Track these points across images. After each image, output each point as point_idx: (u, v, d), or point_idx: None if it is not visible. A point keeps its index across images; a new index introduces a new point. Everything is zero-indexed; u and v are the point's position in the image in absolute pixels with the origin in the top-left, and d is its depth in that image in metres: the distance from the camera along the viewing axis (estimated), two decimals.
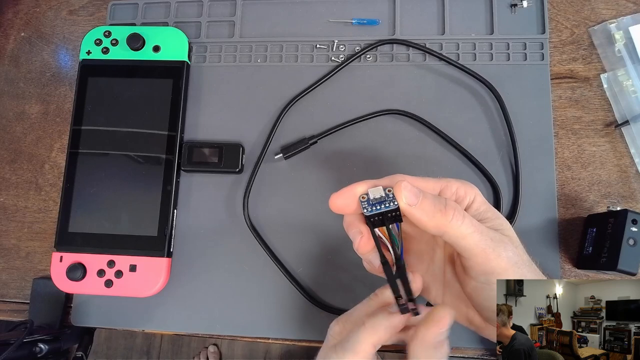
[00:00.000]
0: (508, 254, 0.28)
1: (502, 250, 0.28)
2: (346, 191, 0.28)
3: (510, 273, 0.28)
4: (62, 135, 0.48)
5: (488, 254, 0.28)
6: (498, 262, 0.28)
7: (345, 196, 0.28)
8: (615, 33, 0.44)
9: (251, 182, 0.43)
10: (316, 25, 0.47)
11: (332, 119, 0.44)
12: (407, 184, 0.28)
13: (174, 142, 0.43)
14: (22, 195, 0.47)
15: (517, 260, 0.29)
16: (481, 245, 0.28)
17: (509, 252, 0.28)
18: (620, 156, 0.42)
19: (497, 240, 0.28)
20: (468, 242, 0.28)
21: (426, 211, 0.27)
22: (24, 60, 0.50)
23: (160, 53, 0.45)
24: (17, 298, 0.45)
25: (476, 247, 0.28)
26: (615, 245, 0.36)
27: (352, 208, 0.28)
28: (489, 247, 0.28)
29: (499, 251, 0.28)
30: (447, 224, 0.27)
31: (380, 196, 0.28)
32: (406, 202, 0.27)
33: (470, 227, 0.28)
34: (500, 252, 0.28)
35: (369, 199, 0.28)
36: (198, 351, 1.22)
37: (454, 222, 0.27)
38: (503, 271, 0.28)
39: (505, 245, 0.29)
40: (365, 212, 0.28)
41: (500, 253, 0.28)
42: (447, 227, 0.27)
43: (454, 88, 0.44)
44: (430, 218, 0.27)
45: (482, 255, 0.28)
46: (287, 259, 0.42)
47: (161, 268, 0.41)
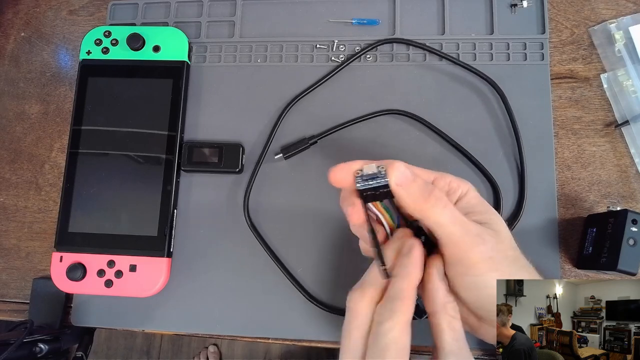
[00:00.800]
0: (482, 248, 0.28)
1: (478, 243, 0.28)
2: (344, 166, 0.30)
3: (484, 265, 0.28)
4: (62, 135, 0.48)
5: (460, 244, 0.28)
6: (468, 254, 0.28)
7: (343, 170, 0.30)
8: (615, 33, 0.44)
9: (251, 182, 0.43)
10: (316, 25, 0.47)
11: (332, 119, 0.44)
12: (400, 164, 0.29)
13: (174, 142, 0.43)
14: (22, 195, 0.47)
15: (492, 255, 0.29)
16: (456, 235, 0.28)
17: (484, 246, 0.29)
18: (620, 156, 0.42)
19: (474, 233, 0.29)
20: (444, 230, 0.28)
21: (411, 193, 0.29)
22: (24, 60, 0.50)
23: (160, 53, 0.45)
24: (17, 298, 0.45)
25: (451, 236, 0.28)
26: (615, 245, 0.36)
27: (348, 182, 0.30)
28: (462, 238, 0.28)
29: (473, 246, 0.28)
30: (428, 209, 0.28)
31: (373, 172, 0.29)
32: (395, 182, 0.28)
33: (449, 217, 0.28)
34: (474, 245, 0.28)
35: (362, 175, 0.29)
36: (198, 351, 1.22)
37: (435, 210, 0.28)
38: (476, 263, 0.28)
39: (484, 239, 0.29)
40: (358, 186, 0.29)
41: (474, 246, 0.28)
42: (427, 212, 0.28)
43: (454, 88, 0.44)
44: (412, 200, 0.28)
45: (454, 246, 0.28)
46: (287, 259, 0.42)
47: (161, 268, 0.41)
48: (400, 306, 0.27)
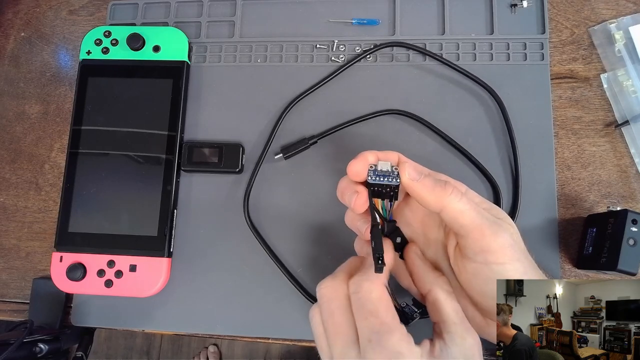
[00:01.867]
0: (505, 235, 0.28)
1: (499, 229, 0.28)
2: (361, 158, 0.31)
3: (507, 252, 0.28)
4: (62, 135, 0.48)
5: (484, 230, 0.28)
6: (495, 239, 0.28)
7: (360, 162, 0.31)
8: (615, 33, 0.44)
9: (251, 182, 0.43)
10: (316, 25, 0.47)
11: (332, 119, 0.44)
12: (411, 163, 0.30)
13: (174, 142, 0.43)
14: (22, 195, 0.47)
15: (513, 243, 0.29)
16: (477, 221, 0.28)
17: (506, 233, 0.29)
18: (620, 156, 0.42)
19: (493, 221, 0.29)
20: (465, 218, 0.28)
21: (427, 186, 0.29)
22: (24, 60, 0.50)
23: (160, 53, 0.45)
24: (17, 298, 0.45)
25: (472, 223, 0.28)
26: (615, 245, 0.36)
27: (363, 175, 0.30)
28: (485, 224, 0.28)
29: (495, 229, 0.28)
30: (446, 198, 0.29)
31: (387, 170, 0.30)
32: (408, 177, 0.29)
33: (468, 204, 0.29)
34: (497, 231, 0.28)
35: (376, 170, 0.30)
36: (198, 351, 1.22)
37: (453, 197, 0.29)
38: (500, 248, 0.28)
39: (503, 227, 0.29)
40: (369, 179, 0.30)
41: (497, 231, 0.28)
42: (445, 202, 0.29)
43: (454, 88, 0.44)
44: (430, 192, 0.29)
45: (478, 231, 0.28)
46: (287, 259, 0.42)
47: (161, 268, 0.41)
48: (371, 272, 0.28)
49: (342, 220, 0.42)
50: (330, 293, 0.29)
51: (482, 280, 0.29)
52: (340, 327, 0.28)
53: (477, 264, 0.29)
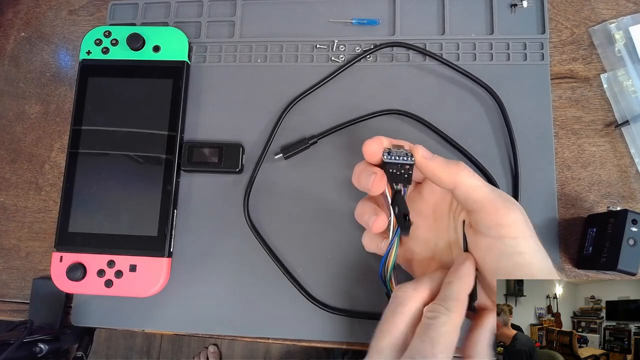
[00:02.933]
0: (518, 211, 0.30)
1: (512, 205, 0.30)
2: (376, 139, 0.32)
3: (520, 227, 0.29)
4: (62, 135, 0.48)
5: (497, 204, 0.29)
6: (508, 212, 0.29)
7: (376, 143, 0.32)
8: (615, 33, 0.44)
9: (251, 182, 0.43)
10: (316, 25, 0.47)
11: (332, 119, 0.44)
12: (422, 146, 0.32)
13: (174, 142, 0.43)
14: (22, 195, 0.47)
15: (525, 220, 0.30)
16: (490, 196, 0.30)
17: (518, 210, 0.30)
18: (620, 156, 0.42)
19: (505, 197, 0.30)
20: (479, 192, 0.30)
21: (440, 163, 0.31)
22: (24, 60, 0.50)
23: (160, 53, 0.45)
24: (17, 298, 0.45)
25: (486, 197, 0.29)
26: (615, 245, 0.36)
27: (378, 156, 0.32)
28: (498, 199, 0.30)
29: (508, 204, 0.29)
30: (459, 174, 0.30)
31: (401, 151, 0.32)
32: (422, 155, 0.31)
33: (480, 180, 0.30)
34: (510, 206, 0.29)
35: (391, 151, 0.32)
36: (198, 351, 1.22)
37: (466, 174, 0.30)
38: (513, 223, 0.29)
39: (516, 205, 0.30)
40: (385, 158, 0.31)
41: (510, 207, 0.29)
42: (459, 178, 0.30)
43: (454, 88, 0.44)
44: (444, 168, 0.30)
45: (492, 205, 0.29)
46: (287, 259, 0.42)
47: (161, 268, 0.41)
48: (455, 306, 0.28)
49: (343, 220, 0.42)
50: (404, 299, 0.30)
51: (496, 256, 0.30)
52: (394, 329, 0.29)
53: (490, 239, 0.30)
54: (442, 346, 0.27)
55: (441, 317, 0.28)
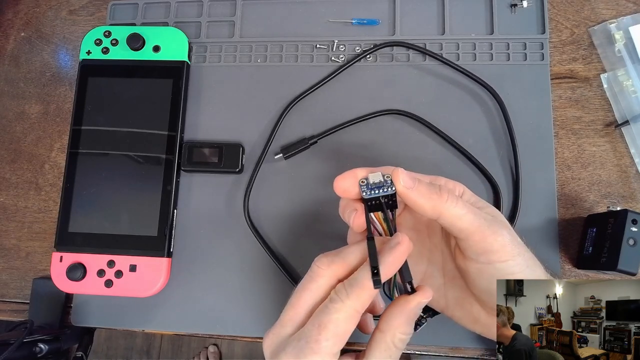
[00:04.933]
0: (504, 233, 0.29)
1: (498, 228, 0.29)
2: (349, 174, 0.29)
3: (508, 249, 0.29)
4: (62, 135, 0.48)
5: (484, 231, 0.28)
6: (495, 238, 0.28)
7: (348, 179, 0.29)
8: (615, 33, 0.44)
9: (251, 182, 0.43)
10: (316, 25, 0.47)
11: (332, 119, 0.44)
12: (403, 170, 0.29)
13: (174, 142, 0.43)
14: (22, 195, 0.47)
15: (512, 239, 0.29)
16: (476, 223, 0.28)
17: (504, 230, 0.29)
18: (620, 156, 0.42)
19: (491, 220, 0.29)
20: (463, 221, 0.28)
21: (422, 193, 0.28)
22: (24, 60, 0.50)
23: (160, 53, 0.45)
24: (17, 298, 0.45)
25: (471, 225, 0.28)
26: (615, 245, 0.36)
27: (354, 191, 0.29)
28: (484, 225, 0.28)
29: (494, 229, 0.29)
30: (443, 205, 0.28)
31: (379, 181, 0.29)
32: (403, 185, 0.28)
33: (464, 208, 0.29)
34: (496, 230, 0.29)
35: (368, 183, 0.29)
36: (198, 351, 1.22)
37: (449, 204, 0.28)
38: (501, 247, 0.28)
39: (500, 225, 0.29)
40: (364, 195, 0.29)
41: (496, 230, 0.29)
42: (442, 208, 0.28)
43: (454, 88, 0.44)
44: (426, 200, 0.28)
45: (479, 232, 0.28)
46: (287, 258, 0.42)
47: (161, 268, 0.41)
48: (357, 292, 0.26)
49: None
50: (317, 274, 0.28)
51: (487, 280, 0.29)
52: (299, 306, 0.28)
53: (480, 265, 0.29)
54: (330, 333, 0.26)
55: (337, 302, 0.26)
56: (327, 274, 0.28)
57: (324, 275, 0.28)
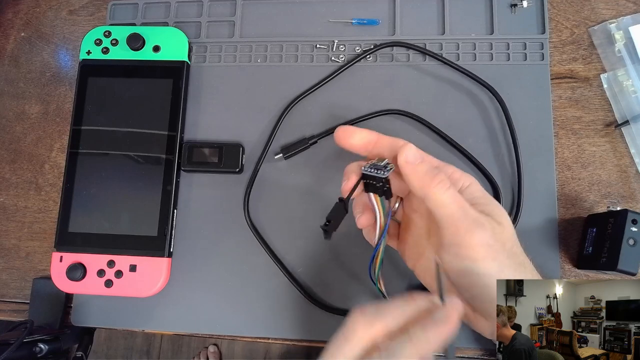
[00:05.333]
0: (481, 233, 0.29)
1: (477, 229, 0.29)
2: (363, 132, 0.33)
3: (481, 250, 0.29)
4: (62, 135, 0.48)
5: (459, 226, 0.29)
6: (469, 236, 0.29)
7: (362, 134, 0.33)
8: (615, 33, 0.44)
9: (251, 182, 0.43)
10: (316, 25, 0.47)
11: (332, 119, 0.44)
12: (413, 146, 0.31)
13: (174, 142, 0.43)
14: (22, 195, 0.47)
15: (491, 243, 0.29)
16: (455, 216, 0.29)
17: (484, 233, 0.29)
18: (620, 156, 0.42)
19: (476, 220, 0.29)
20: (444, 211, 0.29)
21: (417, 171, 0.30)
22: (24, 60, 0.50)
23: (160, 53, 0.45)
24: (17, 298, 0.45)
25: (450, 217, 0.29)
26: (615, 245, 0.36)
27: (355, 145, 0.33)
28: (462, 222, 0.29)
29: (472, 229, 0.29)
30: (432, 188, 0.29)
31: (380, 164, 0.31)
32: (405, 158, 0.30)
33: (451, 198, 0.29)
34: (474, 229, 0.29)
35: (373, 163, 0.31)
36: (198, 351, 1.22)
37: (438, 189, 0.29)
38: (474, 246, 0.29)
39: (484, 225, 0.29)
40: (363, 169, 0.31)
41: (474, 230, 0.29)
42: (429, 191, 0.29)
43: (454, 88, 0.44)
44: (418, 178, 0.30)
45: (453, 227, 0.29)
46: (287, 259, 0.42)
47: (161, 268, 0.41)
48: None
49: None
50: (354, 330, 0.27)
51: (455, 272, 0.30)
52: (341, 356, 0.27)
53: (449, 255, 0.30)
54: None
55: None
56: (364, 336, 0.27)
57: (361, 337, 0.27)
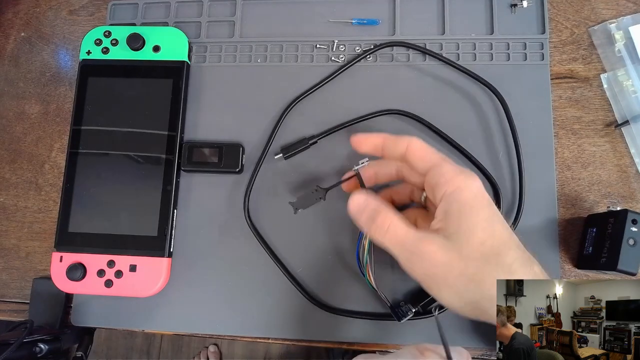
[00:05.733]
0: (475, 182, 0.31)
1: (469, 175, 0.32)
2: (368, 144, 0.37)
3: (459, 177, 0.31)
4: (62, 135, 0.48)
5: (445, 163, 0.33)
6: (459, 174, 0.31)
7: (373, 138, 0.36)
8: (615, 33, 0.44)
9: (251, 182, 0.43)
10: (316, 25, 0.47)
11: (332, 119, 0.44)
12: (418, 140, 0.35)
13: (174, 142, 0.43)
14: (22, 195, 0.47)
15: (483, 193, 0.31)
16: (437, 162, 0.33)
17: (477, 182, 0.31)
18: (620, 156, 0.42)
19: (460, 170, 0.32)
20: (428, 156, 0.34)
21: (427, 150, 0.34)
22: (24, 60, 0.50)
23: (160, 53, 0.45)
24: (17, 298, 0.45)
25: (434, 160, 0.33)
26: (615, 245, 0.36)
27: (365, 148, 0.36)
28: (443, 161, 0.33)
29: (462, 172, 0.32)
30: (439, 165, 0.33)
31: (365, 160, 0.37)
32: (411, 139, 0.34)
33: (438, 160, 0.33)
34: (464, 173, 0.31)
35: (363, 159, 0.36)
36: (198, 351, 1.22)
37: (415, 141, 0.34)
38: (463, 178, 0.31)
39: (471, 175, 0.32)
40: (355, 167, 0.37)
41: (464, 173, 0.32)
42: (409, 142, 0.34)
43: (454, 88, 0.44)
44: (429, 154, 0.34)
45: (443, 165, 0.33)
46: (287, 259, 0.42)
47: (161, 268, 0.41)
48: None
49: (343, 220, 0.43)
50: None
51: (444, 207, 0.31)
52: None
53: (445, 189, 0.31)
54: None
55: None
56: None
57: None
